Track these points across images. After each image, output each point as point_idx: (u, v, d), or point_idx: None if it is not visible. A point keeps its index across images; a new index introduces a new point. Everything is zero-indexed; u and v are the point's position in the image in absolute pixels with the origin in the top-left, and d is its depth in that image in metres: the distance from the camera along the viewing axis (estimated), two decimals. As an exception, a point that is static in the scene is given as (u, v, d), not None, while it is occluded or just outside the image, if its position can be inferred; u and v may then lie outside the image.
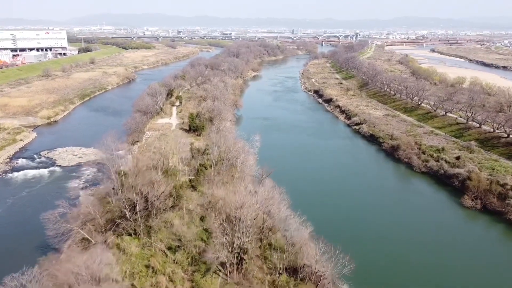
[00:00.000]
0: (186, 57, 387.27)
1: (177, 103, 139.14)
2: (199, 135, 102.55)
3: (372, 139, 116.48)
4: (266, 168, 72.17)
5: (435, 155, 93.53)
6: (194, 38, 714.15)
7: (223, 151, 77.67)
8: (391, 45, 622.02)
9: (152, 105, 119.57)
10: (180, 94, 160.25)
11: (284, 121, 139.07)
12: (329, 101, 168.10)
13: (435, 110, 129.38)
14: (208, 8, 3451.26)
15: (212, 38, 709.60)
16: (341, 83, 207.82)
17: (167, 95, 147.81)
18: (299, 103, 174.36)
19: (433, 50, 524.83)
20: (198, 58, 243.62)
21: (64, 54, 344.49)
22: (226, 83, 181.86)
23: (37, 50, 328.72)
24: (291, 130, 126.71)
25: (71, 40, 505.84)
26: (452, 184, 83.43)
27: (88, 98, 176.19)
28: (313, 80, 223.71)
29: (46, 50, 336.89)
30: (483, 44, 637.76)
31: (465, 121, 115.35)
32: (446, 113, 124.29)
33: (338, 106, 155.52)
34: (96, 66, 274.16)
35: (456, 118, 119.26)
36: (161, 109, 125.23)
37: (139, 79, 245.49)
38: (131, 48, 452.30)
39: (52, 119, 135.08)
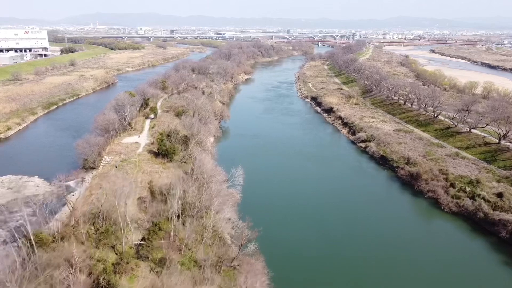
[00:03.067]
0: (176, 58, 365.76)
1: (152, 116, 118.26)
2: (170, 160, 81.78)
3: (383, 161, 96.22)
4: (248, 224, 51.67)
5: (468, 189, 73.45)
6: (187, 38, 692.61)
7: (192, 195, 57.09)
8: (389, 45, 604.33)
9: (117, 120, 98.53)
10: (159, 103, 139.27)
11: (276, 138, 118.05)
12: (328, 110, 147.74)
13: (456, 125, 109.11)
14: (204, 8, 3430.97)
15: (206, 38, 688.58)
16: (341, 89, 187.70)
17: (142, 106, 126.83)
18: (294, 113, 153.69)
19: (433, 51, 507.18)
20: (184, 61, 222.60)
21: (45, 55, 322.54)
22: (213, 89, 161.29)
23: (16, 50, 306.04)
24: (285, 152, 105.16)
25: (58, 40, 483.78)
26: (497, 234, 63.37)
27: (55, 107, 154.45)
28: (310, 85, 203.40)
29: (25, 51, 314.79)
30: (483, 45, 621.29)
31: (496, 140, 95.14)
32: (470, 129, 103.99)
33: (339, 118, 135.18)
34: (75, 69, 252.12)
35: (484, 137, 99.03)
36: (130, 124, 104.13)
37: (120, 83, 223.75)
38: (119, 49, 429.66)
39: (1, 135, 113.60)
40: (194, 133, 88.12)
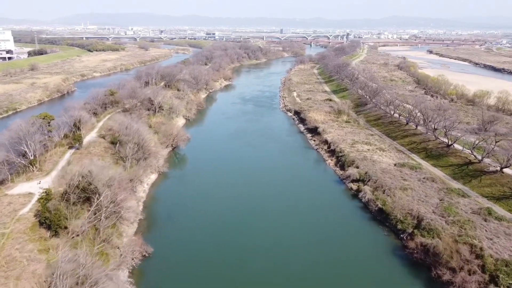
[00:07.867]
0: (155, 61, 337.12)
1: (77, 145, 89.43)
2: (55, 234, 53.09)
3: (382, 217, 68.01)
4: None
5: (520, 290, 45.76)
6: (175, 38, 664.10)
7: None
8: (384, 45, 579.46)
9: (5, 160, 69.60)
10: (100, 123, 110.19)
11: (242, 175, 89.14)
12: (313, 130, 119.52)
13: (479, 161, 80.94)
14: (199, 8, 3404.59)
15: (195, 39, 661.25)
16: (330, 100, 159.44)
17: (72, 130, 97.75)
18: (273, 133, 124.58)
19: (430, 52, 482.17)
20: (149, 67, 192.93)
21: (9, 58, 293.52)
22: (173, 103, 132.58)
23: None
24: (245, 201, 76.33)
25: (40, 41, 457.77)
26: None
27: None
28: (294, 94, 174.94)
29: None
30: (481, 45, 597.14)
31: (542, 189, 67.34)
32: (501, 168, 75.85)
33: (325, 142, 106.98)
34: (32, 75, 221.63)
35: (523, 181, 71.17)
36: (32, 162, 75.10)
37: (79, 91, 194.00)
38: (96, 50, 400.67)
39: None
40: (106, 184, 59.16)
